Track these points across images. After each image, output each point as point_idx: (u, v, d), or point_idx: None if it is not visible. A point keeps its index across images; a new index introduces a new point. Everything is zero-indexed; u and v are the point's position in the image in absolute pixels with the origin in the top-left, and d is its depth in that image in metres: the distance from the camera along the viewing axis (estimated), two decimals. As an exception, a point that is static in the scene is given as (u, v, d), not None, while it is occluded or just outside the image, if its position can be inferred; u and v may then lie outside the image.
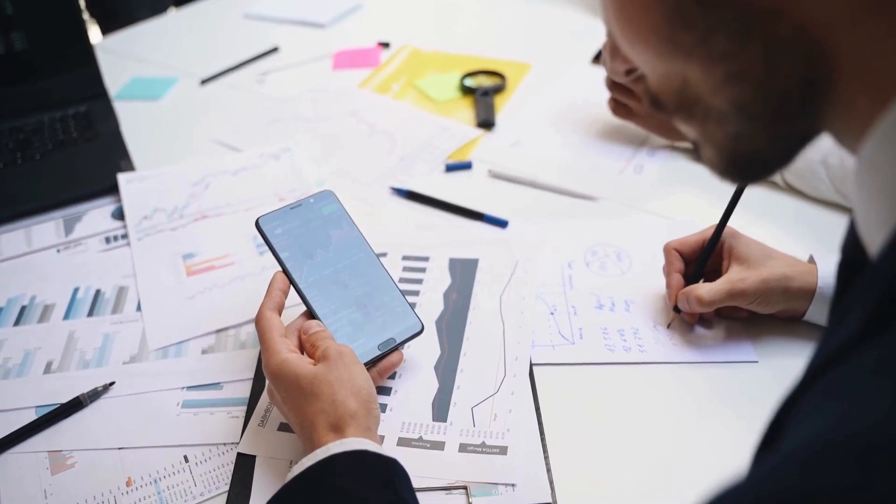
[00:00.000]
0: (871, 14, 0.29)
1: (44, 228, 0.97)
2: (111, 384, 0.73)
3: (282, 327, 0.66)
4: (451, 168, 1.05)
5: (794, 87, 0.33)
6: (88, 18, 1.90)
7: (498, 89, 1.23)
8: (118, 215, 0.99)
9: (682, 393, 0.69)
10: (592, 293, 0.81)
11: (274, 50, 1.44)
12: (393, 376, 0.72)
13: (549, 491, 0.61)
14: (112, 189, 1.02)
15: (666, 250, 0.76)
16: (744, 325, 0.74)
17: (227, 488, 0.63)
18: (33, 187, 1.04)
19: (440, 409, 0.69)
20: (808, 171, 0.87)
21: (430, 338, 0.76)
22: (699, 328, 0.75)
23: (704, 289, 0.70)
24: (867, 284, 0.31)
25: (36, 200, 1.01)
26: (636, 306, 0.79)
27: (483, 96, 1.20)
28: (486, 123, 1.14)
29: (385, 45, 1.44)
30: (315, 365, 0.62)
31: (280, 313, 0.67)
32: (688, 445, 0.64)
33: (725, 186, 0.64)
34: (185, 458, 0.66)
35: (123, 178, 1.03)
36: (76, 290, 0.86)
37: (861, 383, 0.27)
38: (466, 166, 1.05)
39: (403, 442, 0.66)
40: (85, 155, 1.10)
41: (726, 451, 0.62)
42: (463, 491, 0.61)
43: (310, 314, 0.69)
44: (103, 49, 1.43)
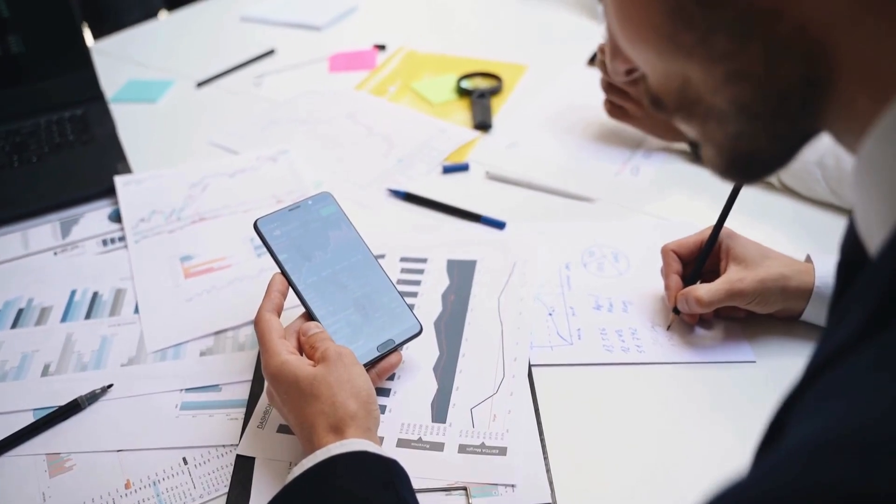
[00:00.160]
0: (871, 14, 0.29)
1: (40, 231, 0.97)
2: (109, 386, 0.73)
3: (281, 329, 0.66)
4: (448, 170, 1.05)
5: (795, 87, 0.33)
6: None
7: (494, 91, 1.24)
8: (115, 218, 0.98)
9: (681, 393, 0.69)
10: (590, 294, 0.81)
11: (270, 52, 1.44)
12: (392, 377, 0.72)
13: (549, 491, 0.61)
14: (109, 192, 1.02)
15: (663, 252, 0.77)
16: (741, 326, 0.74)
17: (227, 490, 0.63)
18: (30, 190, 1.03)
19: (439, 411, 0.69)
20: (804, 172, 0.87)
21: (429, 339, 0.76)
22: (699, 329, 0.75)
23: (703, 289, 0.70)
24: (867, 283, 0.32)
25: (32, 203, 1.00)
26: (634, 307, 0.79)
27: (479, 98, 1.20)
28: (483, 125, 1.14)
29: (381, 48, 1.44)
30: (314, 366, 0.62)
31: (279, 315, 0.67)
32: (686, 445, 0.64)
33: (721, 188, 0.65)
34: (184, 460, 0.66)
35: (120, 181, 1.02)
36: (73, 293, 0.86)
37: (862, 381, 0.27)
38: (463, 168, 1.05)
39: (403, 443, 0.66)
40: (81, 157, 1.10)
41: (725, 451, 0.63)
42: (463, 492, 0.61)
43: (308, 316, 0.69)
44: (99, 52, 1.42)
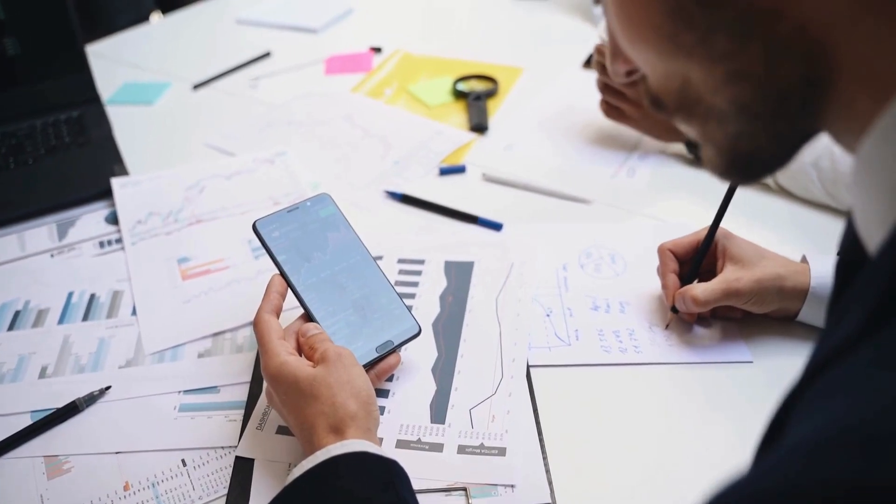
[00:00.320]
0: (871, 14, 0.30)
1: (37, 233, 0.97)
2: (107, 388, 0.73)
3: (280, 330, 0.65)
4: (445, 172, 1.05)
5: (795, 87, 0.34)
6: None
7: (490, 93, 1.24)
8: (112, 220, 0.98)
9: (679, 393, 0.70)
10: (588, 295, 0.81)
11: (266, 55, 1.44)
12: (390, 379, 0.72)
13: (549, 491, 0.61)
14: (105, 194, 1.02)
15: (660, 251, 0.77)
16: (738, 326, 0.75)
17: (226, 492, 0.63)
18: (26, 192, 1.03)
19: (438, 411, 0.69)
20: (800, 173, 0.88)
21: (427, 340, 0.76)
22: (696, 329, 0.75)
23: (700, 289, 0.71)
24: (866, 282, 0.32)
25: (29, 205, 1.00)
26: (631, 308, 0.79)
27: (476, 100, 1.21)
28: (479, 127, 1.15)
29: (377, 50, 1.45)
30: (314, 367, 0.62)
31: (278, 316, 0.67)
32: (685, 444, 0.65)
33: (717, 189, 0.65)
34: (183, 462, 0.66)
35: (117, 183, 1.02)
36: (70, 295, 0.86)
37: (862, 379, 0.28)
38: (460, 170, 1.05)
39: (402, 444, 0.66)
40: (78, 160, 1.10)
41: (723, 450, 0.63)
42: (462, 492, 0.62)
43: (307, 317, 0.69)
44: (95, 54, 1.42)
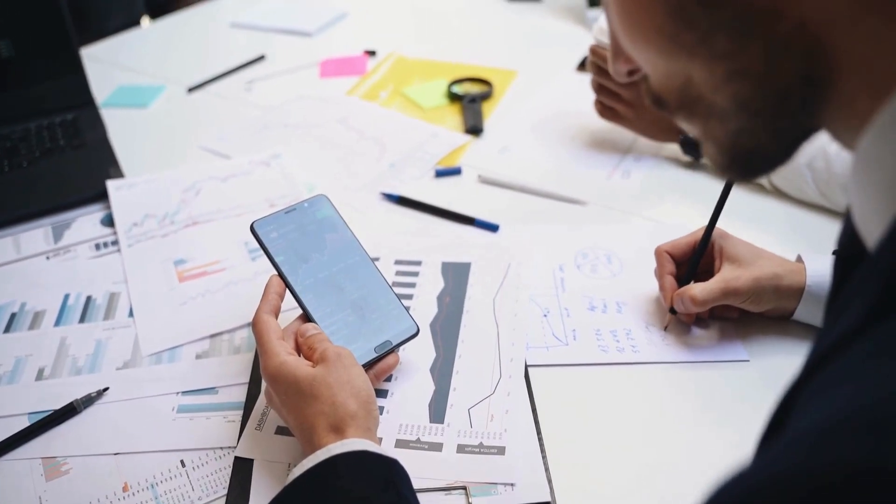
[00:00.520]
0: (871, 13, 0.30)
1: (32, 236, 0.97)
2: (105, 390, 0.73)
3: (279, 330, 0.66)
4: (441, 174, 1.06)
5: (795, 85, 0.34)
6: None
7: (485, 96, 1.24)
8: (108, 222, 0.98)
9: (676, 392, 0.70)
10: (584, 295, 0.82)
11: (260, 58, 1.44)
12: (389, 379, 0.72)
13: (548, 490, 0.61)
14: (101, 196, 1.02)
15: (657, 253, 0.77)
16: (735, 326, 0.75)
17: (226, 492, 0.63)
18: (21, 195, 1.03)
19: (437, 411, 0.69)
20: (794, 174, 0.89)
21: (425, 341, 0.76)
22: (694, 329, 0.76)
23: (698, 288, 0.71)
24: (866, 276, 0.32)
25: (23, 208, 1.00)
26: (628, 308, 0.80)
27: (471, 103, 1.21)
28: (475, 130, 1.15)
29: (371, 54, 1.45)
30: (313, 367, 0.62)
31: (276, 316, 0.67)
32: (682, 442, 0.65)
33: (711, 190, 0.66)
34: (182, 463, 0.66)
35: (112, 185, 1.02)
36: (67, 297, 0.86)
37: (865, 368, 0.28)
38: (456, 172, 1.06)
39: (401, 444, 0.66)
40: (73, 162, 1.09)
41: (721, 448, 0.64)
42: (462, 491, 0.62)
43: (306, 317, 0.69)
44: (89, 58, 1.42)
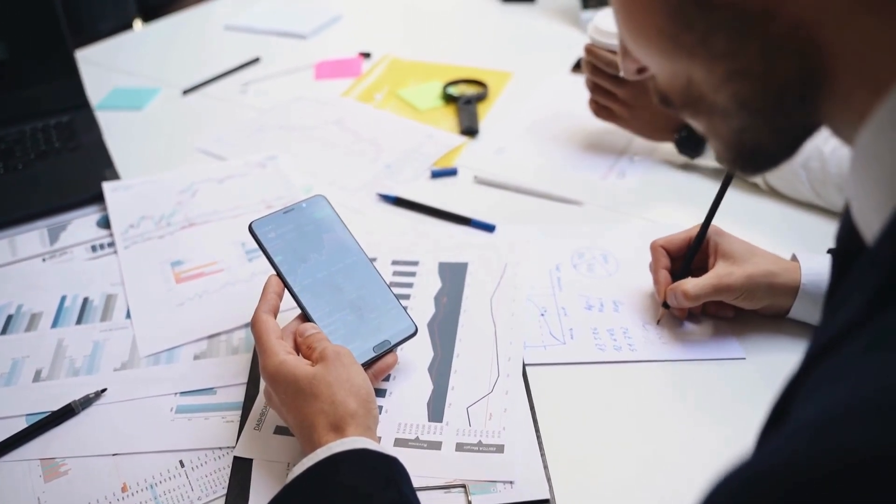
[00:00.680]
0: (862, 12, 0.31)
1: (28, 238, 0.96)
2: (103, 391, 0.73)
3: (278, 330, 0.66)
4: (437, 174, 1.06)
5: (793, 83, 0.35)
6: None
7: (480, 97, 1.25)
8: (104, 224, 0.98)
9: (673, 389, 0.71)
10: (581, 294, 0.82)
11: (255, 60, 1.44)
12: (387, 378, 0.72)
13: (547, 487, 0.61)
14: (97, 198, 1.02)
15: (653, 248, 0.78)
16: (731, 323, 0.76)
17: (225, 492, 0.63)
18: (16, 197, 1.03)
19: (435, 410, 0.69)
20: (790, 173, 0.89)
21: (423, 340, 0.76)
22: (688, 325, 0.76)
23: (691, 283, 0.72)
24: (865, 269, 0.33)
25: (19, 210, 0.99)
26: (625, 306, 0.80)
27: (466, 104, 1.22)
28: (470, 131, 1.15)
29: (366, 56, 1.45)
30: (313, 366, 0.62)
31: (275, 316, 0.67)
32: (680, 439, 0.66)
33: (705, 191, 0.66)
34: (181, 463, 0.66)
35: (108, 187, 1.02)
36: (63, 299, 0.86)
37: (865, 360, 0.28)
38: (452, 173, 1.06)
39: (400, 443, 0.66)
40: (68, 164, 1.09)
41: (717, 445, 0.64)
42: (462, 489, 0.62)
43: (304, 317, 0.69)
44: (84, 60, 1.41)
